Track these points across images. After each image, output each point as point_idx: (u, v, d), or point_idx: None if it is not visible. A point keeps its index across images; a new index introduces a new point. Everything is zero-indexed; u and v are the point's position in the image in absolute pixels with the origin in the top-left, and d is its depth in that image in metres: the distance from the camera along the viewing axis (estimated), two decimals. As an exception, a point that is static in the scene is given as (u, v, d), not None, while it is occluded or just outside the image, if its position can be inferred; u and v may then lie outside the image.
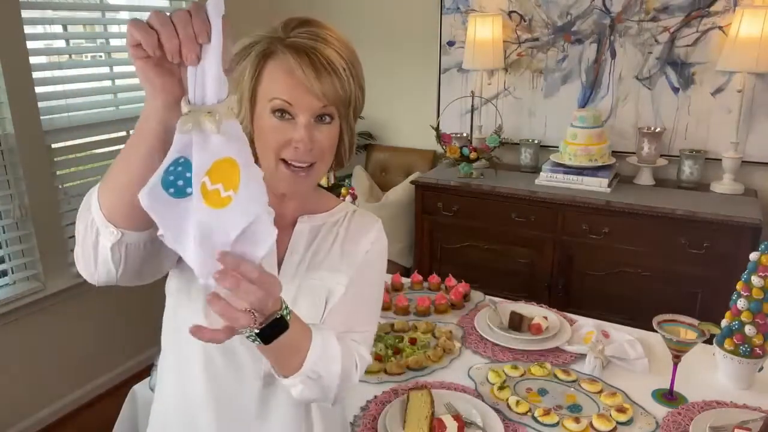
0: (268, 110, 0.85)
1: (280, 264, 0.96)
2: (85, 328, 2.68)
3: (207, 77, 0.63)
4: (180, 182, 0.64)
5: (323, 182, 1.07)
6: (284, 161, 0.87)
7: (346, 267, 0.97)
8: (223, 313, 0.67)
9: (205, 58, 0.62)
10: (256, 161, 0.92)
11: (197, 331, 0.68)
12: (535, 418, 1.35)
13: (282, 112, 0.85)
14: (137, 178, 0.68)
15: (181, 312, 0.94)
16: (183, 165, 0.64)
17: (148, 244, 0.77)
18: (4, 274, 2.46)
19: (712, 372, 1.54)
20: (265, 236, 0.66)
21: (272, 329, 0.73)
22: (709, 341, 1.46)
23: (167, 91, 0.66)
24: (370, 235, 1.01)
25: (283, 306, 0.75)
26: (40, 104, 2.43)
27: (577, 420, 1.32)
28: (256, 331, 0.72)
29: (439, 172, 3.09)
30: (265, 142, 0.87)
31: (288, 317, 0.75)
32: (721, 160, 2.67)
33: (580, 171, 2.73)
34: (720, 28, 2.64)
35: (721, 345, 1.49)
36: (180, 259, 0.87)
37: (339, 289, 0.96)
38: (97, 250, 0.76)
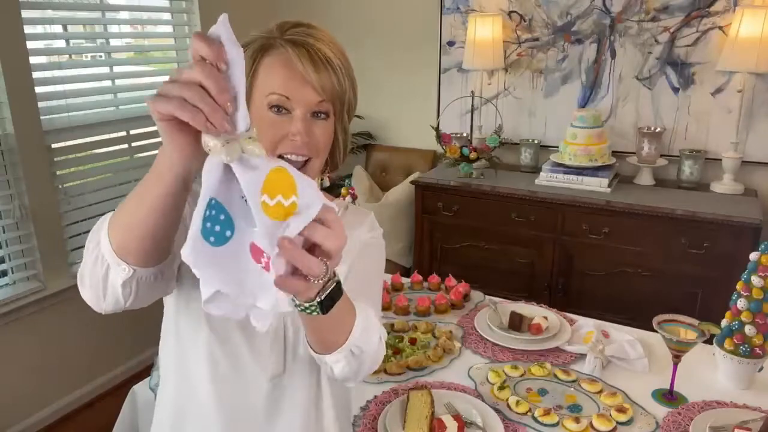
0: (264, 106, 0.85)
1: None
2: (85, 328, 2.68)
3: (239, 111, 0.62)
4: (217, 227, 0.62)
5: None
6: (281, 157, 0.86)
7: (344, 258, 0.97)
8: (297, 258, 0.62)
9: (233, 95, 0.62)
10: None
11: (282, 282, 0.63)
12: (535, 418, 1.35)
13: (279, 108, 0.85)
14: (152, 217, 0.69)
15: (182, 320, 0.94)
16: (216, 208, 0.62)
17: (159, 276, 0.78)
18: (4, 274, 2.46)
19: (712, 372, 1.54)
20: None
21: (331, 297, 0.71)
22: (709, 341, 1.46)
23: (189, 144, 0.64)
24: (365, 227, 1.02)
25: (335, 272, 0.72)
26: (40, 104, 2.43)
27: (577, 420, 1.32)
28: (319, 299, 0.69)
29: (439, 172, 3.09)
30: (262, 138, 0.86)
31: (341, 281, 0.73)
32: (721, 160, 2.67)
33: (580, 171, 2.73)
34: (720, 28, 2.64)
35: (721, 345, 1.49)
36: (179, 273, 0.87)
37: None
38: (106, 283, 0.76)
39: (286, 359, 0.94)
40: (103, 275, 0.76)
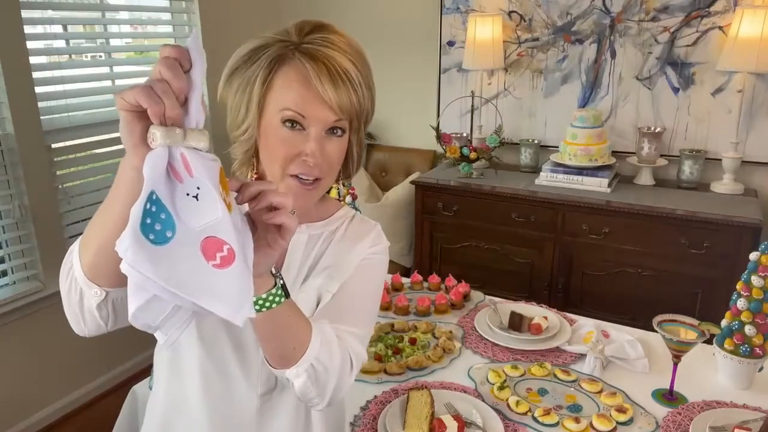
0: (278, 120, 0.83)
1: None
2: (85, 328, 2.68)
3: (191, 108, 0.63)
4: (158, 226, 0.59)
5: (333, 195, 1.04)
6: (291, 176, 0.85)
7: (339, 274, 0.95)
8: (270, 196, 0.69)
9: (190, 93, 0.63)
10: (259, 167, 0.91)
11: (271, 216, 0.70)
12: (535, 418, 1.35)
13: (293, 123, 0.83)
14: (118, 235, 0.62)
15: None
16: (156, 204, 0.59)
17: None
18: (4, 274, 2.46)
19: (712, 372, 1.54)
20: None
21: (285, 290, 0.76)
22: (709, 341, 1.46)
23: (144, 134, 0.63)
24: (367, 242, 0.98)
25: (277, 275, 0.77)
26: (40, 104, 2.43)
27: (577, 420, 1.32)
28: (280, 283, 0.75)
29: (439, 172, 3.09)
30: (273, 153, 0.85)
31: (286, 287, 0.78)
32: (721, 160, 2.67)
33: (580, 171, 2.73)
34: (720, 28, 2.64)
35: (721, 345, 1.49)
36: None
37: (326, 297, 0.93)
38: (83, 308, 0.76)
39: (277, 377, 0.92)
40: (78, 301, 0.75)
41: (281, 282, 0.76)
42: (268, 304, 0.74)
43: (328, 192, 1.00)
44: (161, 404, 0.98)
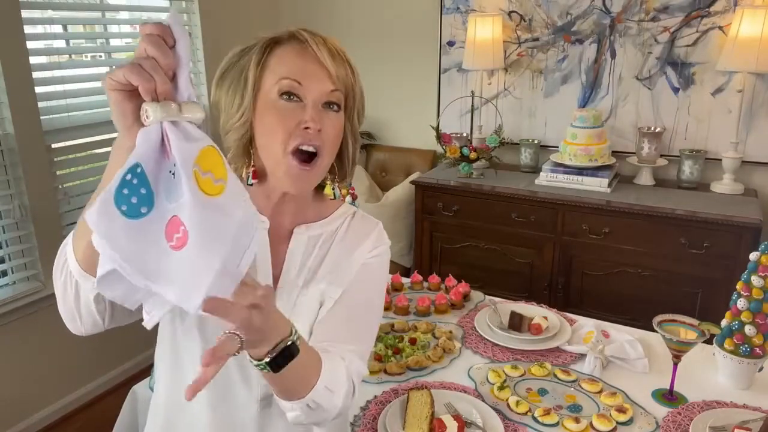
0: (275, 93, 0.84)
1: (276, 279, 0.93)
2: (85, 328, 2.68)
3: (180, 83, 0.63)
4: (134, 199, 0.58)
5: (327, 192, 1.03)
6: (292, 154, 0.84)
7: (341, 279, 0.94)
8: (218, 308, 0.60)
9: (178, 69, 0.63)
10: (256, 161, 0.91)
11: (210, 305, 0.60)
12: (535, 418, 1.35)
13: (290, 95, 0.84)
14: None
15: (178, 329, 0.92)
16: (139, 177, 0.59)
17: None
18: (4, 274, 2.46)
19: (712, 372, 1.54)
20: (249, 241, 0.62)
21: (283, 357, 0.71)
22: (709, 341, 1.46)
23: (134, 112, 0.63)
24: (368, 243, 0.97)
25: (293, 332, 0.73)
26: (40, 104, 2.43)
27: (577, 420, 1.32)
28: (268, 359, 0.70)
29: (439, 172, 3.09)
30: (272, 129, 0.84)
31: (298, 342, 0.73)
32: (721, 160, 2.67)
33: (580, 171, 2.73)
34: (720, 28, 2.64)
35: (721, 345, 1.49)
36: None
37: (328, 303, 0.93)
38: (79, 303, 0.75)
39: None
40: (74, 295, 0.75)
41: (296, 337, 0.74)
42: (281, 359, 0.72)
43: (323, 190, 1.00)
44: (163, 405, 0.98)
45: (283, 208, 0.93)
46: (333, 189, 1.01)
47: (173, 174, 0.60)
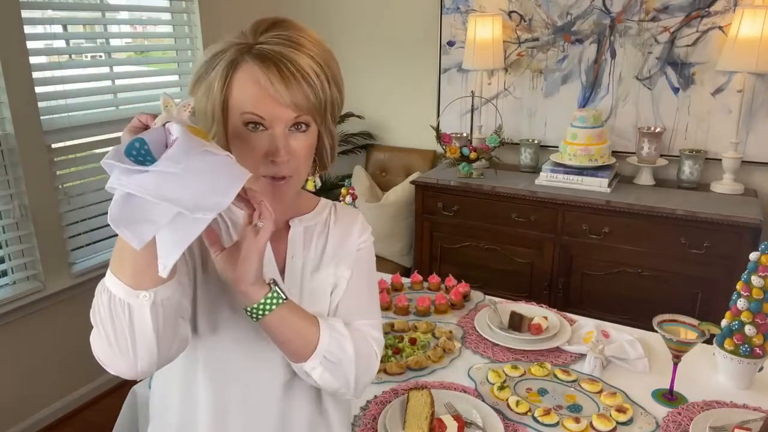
0: (240, 123, 0.84)
1: (282, 270, 0.95)
2: (85, 328, 2.65)
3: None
4: (140, 157, 0.66)
5: (309, 187, 1.05)
6: (264, 176, 0.86)
7: (345, 260, 0.99)
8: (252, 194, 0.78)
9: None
10: None
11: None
12: (535, 418, 1.35)
13: (255, 125, 0.83)
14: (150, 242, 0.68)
15: (201, 321, 0.91)
16: (144, 148, 0.67)
17: (177, 295, 0.78)
18: (4, 274, 2.46)
19: (712, 372, 1.54)
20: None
21: (264, 309, 0.82)
22: (709, 341, 1.47)
23: None
24: (355, 230, 1.03)
25: (274, 285, 0.84)
26: (40, 104, 2.43)
27: (577, 420, 1.32)
28: (276, 287, 0.83)
29: (439, 172, 3.09)
30: (242, 156, 0.84)
31: (281, 290, 0.84)
32: (721, 160, 2.68)
33: (580, 171, 2.73)
34: (720, 28, 2.64)
35: (721, 345, 1.49)
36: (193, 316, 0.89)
37: (342, 283, 0.98)
38: (133, 328, 0.74)
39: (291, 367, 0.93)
40: (128, 321, 0.74)
41: (276, 287, 0.83)
42: (264, 309, 0.82)
43: (305, 186, 1.00)
44: (178, 401, 0.96)
45: (274, 206, 0.94)
46: (314, 182, 1.03)
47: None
